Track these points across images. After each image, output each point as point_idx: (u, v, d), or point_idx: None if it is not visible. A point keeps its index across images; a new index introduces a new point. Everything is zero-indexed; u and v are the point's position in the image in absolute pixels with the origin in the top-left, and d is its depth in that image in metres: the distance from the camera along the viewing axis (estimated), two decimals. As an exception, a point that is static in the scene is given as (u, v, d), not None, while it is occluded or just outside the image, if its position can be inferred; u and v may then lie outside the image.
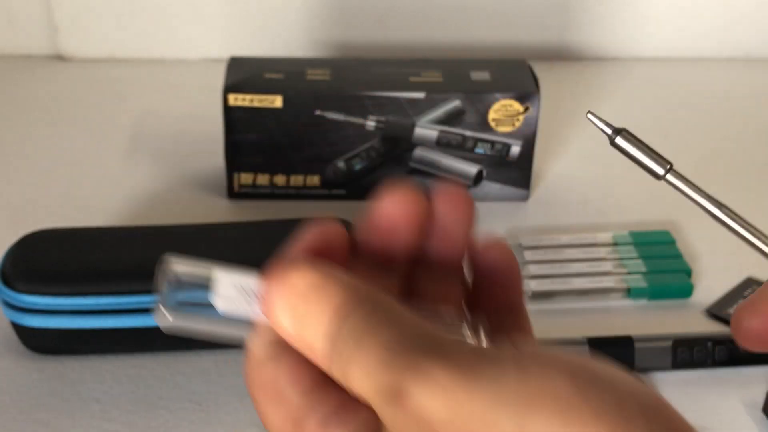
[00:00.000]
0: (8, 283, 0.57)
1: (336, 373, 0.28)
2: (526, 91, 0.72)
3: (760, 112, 0.91)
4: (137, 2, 0.93)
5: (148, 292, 0.57)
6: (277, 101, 0.71)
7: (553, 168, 0.80)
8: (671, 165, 0.37)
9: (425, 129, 0.72)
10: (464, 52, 0.96)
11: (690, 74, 0.97)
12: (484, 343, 0.30)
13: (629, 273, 0.67)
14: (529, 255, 0.68)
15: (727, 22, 0.98)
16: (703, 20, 0.98)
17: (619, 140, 0.37)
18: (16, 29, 0.94)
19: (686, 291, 0.66)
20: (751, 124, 0.88)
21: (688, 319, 0.64)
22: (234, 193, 0.74)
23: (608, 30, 0.97)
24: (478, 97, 0.72)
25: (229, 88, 0.71)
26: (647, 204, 0.75)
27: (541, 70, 0.76)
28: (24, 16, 0.94)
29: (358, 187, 0.74)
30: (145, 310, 0.57)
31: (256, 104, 0.71)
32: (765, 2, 0.97)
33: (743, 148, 0.85)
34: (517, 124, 0.72)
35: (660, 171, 0.37)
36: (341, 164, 0.73)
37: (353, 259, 0.32)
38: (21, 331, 0.58)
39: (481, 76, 0.73)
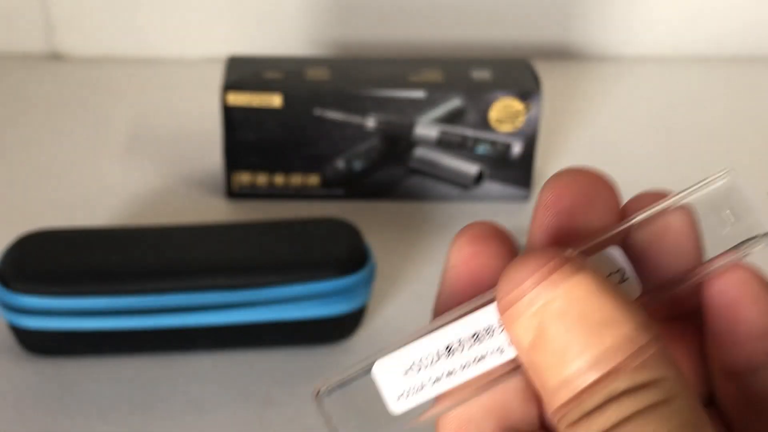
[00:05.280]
0: (5, 284, 0.56)
1: (563, 427, 0.25)
2: (528, 90, 0.71)
3: (761, 112, 0.90)
4: (135, 0, 0.93)
5: (146, 292, 0.56)
6: (277, 100, 0.70)
7: (555, 167, 0.79)
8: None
9: (425, 128, 0.72)
10: (465, 51, 0.95)
11: (693, 74, 0.96)
12: None
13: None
14: (530, 255, 0.68)
15: (729, 21, 0.97)
16: (705, 20, 0.97)
17: None
18: (12, 28, 0.94)
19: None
20: (753, 124, 0.88)
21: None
22: (233, 193, 0.74)
23: (610, 29, 0.97)
24: (479, 95, 0.71)
25: (228, 87, 0.70)
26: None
27: (542, 69, 0.75)
28: (20, 15, 0.94)
29: (358, 186, 0.74)
30: (143, 311, 0.57)
31: (255, 103, 0.70)
32: (766, 1, 0.97)
33: (744, 148, 0.84)
34: (519, 123, 0.72)
35: None
36: (341, 164, 0.73)
37: None
38: (18, 332, 0.57)
39: (481, 74, 0.73)
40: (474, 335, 0.26)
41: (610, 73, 0.96)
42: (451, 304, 0.28)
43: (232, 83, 0.70)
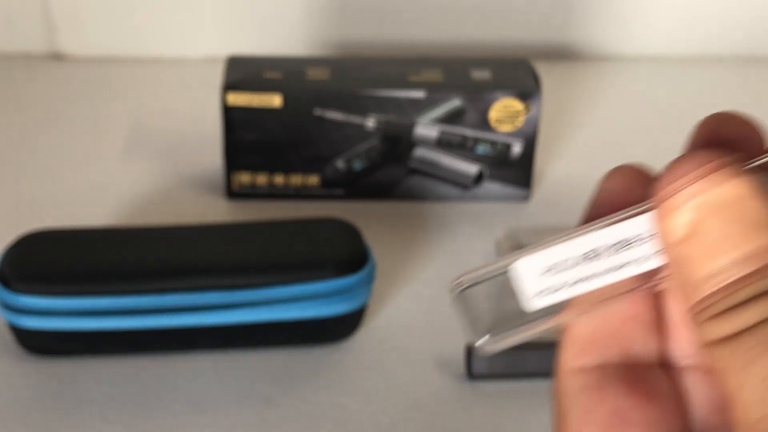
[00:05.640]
0: (5, 284, 0.56)
1: (701, 328, 0.25)
2: (528, 90, 0.71)
3: (761, 112, 0.90)
4: (136, 0, 0.93)
5: (146, 292, 0.56)
6: (277, 100, 0.70)
7: (555, 167, 0.79)
8: None
9: (425, 128, 0.72)
10: (465, 51, 0.95)
11: (692, 74, 0.96)
12: None
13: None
14: (530, 255, 0.68)
15: (730, 21, 0.97)
16: (705, 19, 0.97)
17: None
18: (13, 28, 0.94)
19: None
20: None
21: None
22: (232, 193, 0.74)
23: (610, 29, 0.97)
24: (479, 96, 0.71)
25: (228, 87, 0.70)
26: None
27: (542, 69, 0.75)
28: (21, 15, 0.94)
29: (358, 187, 0.74)
30: (143, 311, 0.57)
31: (255, 103, 0.70)
32: (766, 1, 0.97)
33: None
34: (518, 123, 0.72)
35: None
36: (341, 164, 0.73)
37: None
38: (17, 332, 0.57)
39: (481, 74, 0.73)
40: (618, 243, 0.27)
41: (610, 73, 0.95)
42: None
43: (232, 83, 0.70)
